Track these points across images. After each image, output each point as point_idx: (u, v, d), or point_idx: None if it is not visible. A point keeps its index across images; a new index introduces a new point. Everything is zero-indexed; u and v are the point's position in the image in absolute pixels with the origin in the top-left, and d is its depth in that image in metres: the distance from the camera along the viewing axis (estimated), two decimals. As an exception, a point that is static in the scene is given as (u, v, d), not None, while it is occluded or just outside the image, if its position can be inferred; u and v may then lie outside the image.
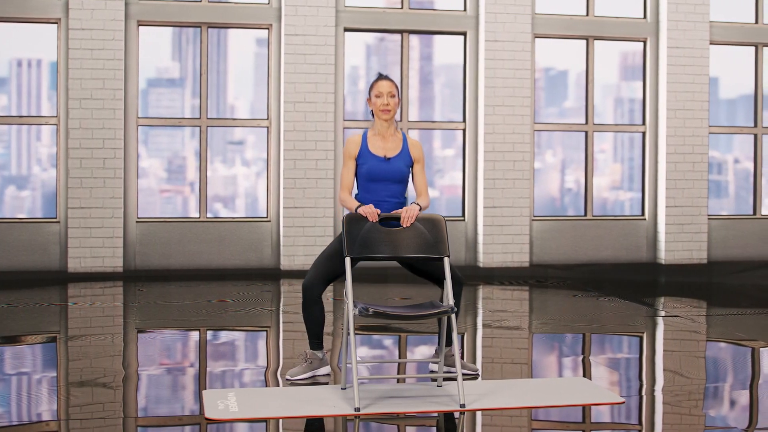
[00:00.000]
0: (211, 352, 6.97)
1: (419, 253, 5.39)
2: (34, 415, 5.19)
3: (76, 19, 10.20)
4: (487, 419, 5.07)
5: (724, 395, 5.82)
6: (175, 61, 11.06)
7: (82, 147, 10.25)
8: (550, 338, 7.56)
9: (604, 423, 5.21)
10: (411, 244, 5.39)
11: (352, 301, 5.15)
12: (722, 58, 11.64)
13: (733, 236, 11.66)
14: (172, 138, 11.06)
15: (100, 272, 10.26)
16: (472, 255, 11.10)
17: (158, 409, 5.34)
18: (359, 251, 5.31)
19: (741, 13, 11.80)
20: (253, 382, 6.00)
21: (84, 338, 7.14)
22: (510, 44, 10.97)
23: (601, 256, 11.35)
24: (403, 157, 5.75)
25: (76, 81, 10.22)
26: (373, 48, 11.53)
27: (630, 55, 11.74)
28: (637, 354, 7.20)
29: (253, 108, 11.22)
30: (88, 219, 10.27)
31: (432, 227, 5.45)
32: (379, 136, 5.78)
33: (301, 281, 10.20)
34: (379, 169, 5.69)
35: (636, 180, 11.76)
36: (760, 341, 7.37)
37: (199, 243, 10.58)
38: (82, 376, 5.95)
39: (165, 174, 10.99)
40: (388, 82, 5.77)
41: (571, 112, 11.82)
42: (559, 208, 11.53)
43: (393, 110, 5.75)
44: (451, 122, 11.31)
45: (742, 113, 12.14)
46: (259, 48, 11.25)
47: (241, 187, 11.23)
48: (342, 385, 5.45)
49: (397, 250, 5.37)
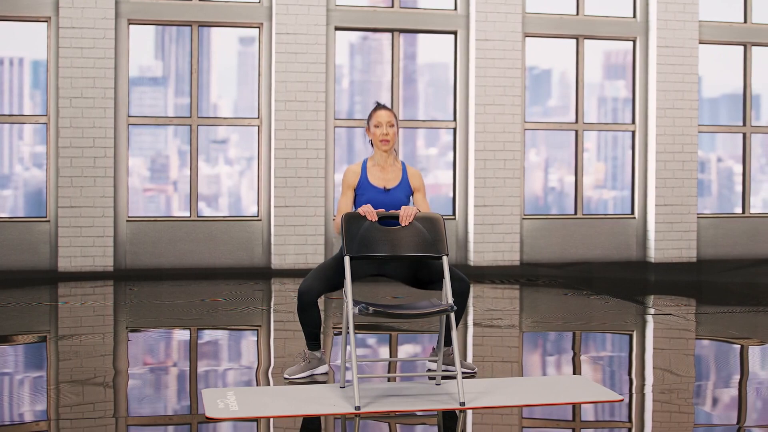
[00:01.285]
0: (204, 352, 6.96)
1: (418, 251, 5.40)
2: (24, 415, 5.16)
3: (66, 17, 10.15)
4: (487, 418, 5.08)
5: (720, 393, 5.85)
6: (158, 59, 11.02)
7: (73, 146, 10.21)
8: (544, 336, 7.58)
9: (604, 421, 5.23)
10: (410, 243, 5.39)
11: (352, 299, 5.15)
12: (704, 57, 11.69)
13: (722, 235, 11.72)
14: (155, 137, 11.02)
15: (90, 271, 10.22)
16: (463, 254, 11.12)
17: (151, 409, 5.31)
18: (358, 250, 5.31)
19: (730, 12, 11.86)
20: (246, 382, 5.99)
21: (75, 338, 7.11)
22: (500, 43, 10.99)
23: (591, 254, 11.39)
24: (403, 187, 5.75)
25: (67, 80, 10.18)
26: (357, 47, 11.54)
27: (613, 54, 11.79)
28: (633, 352, 7.23)
29: (237, 107, 11.20)
30: (79, 218, 10.23)
31: (431, 226, 5.45)
32: (378, 166, 5.77)
33: (292, 280, 10.22)
34: (379, 200, 5.68)
35: (619, 178, 11.81)
36: (753, 339, 7.41)
37: (189, 242, 10.56)
38: (72, 376, 5.93)
39: (148, 173, 10.94)
40: (387, 111, 5.74)
41: (554, 110, 11.86)
42: (542, 207, 11.56)
43: (392, 140, 5.73)
44: (441, 121, 11.32)
45: (725, 112, 12.21)
46: (243, 47, 11.24)
47: (224, 186, 11.21)
48: (341, 383, 5.45)
49: (396, 248, 5.37)
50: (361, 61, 11.48)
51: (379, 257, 5.40)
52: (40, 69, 10.69)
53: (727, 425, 5.14)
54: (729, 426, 5.12)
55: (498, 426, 5.05)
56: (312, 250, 10.62)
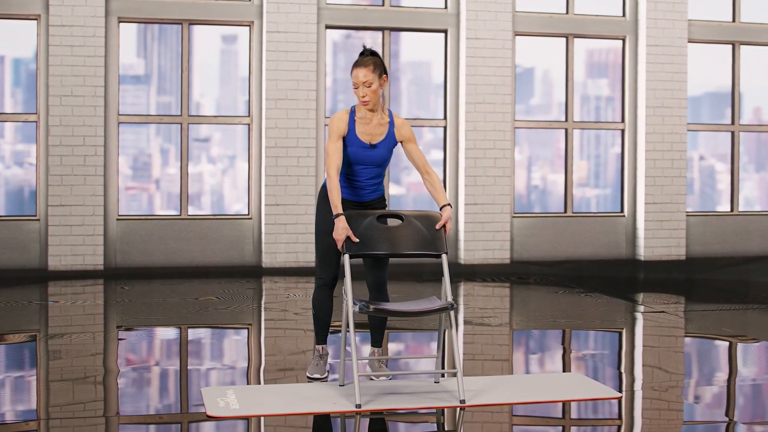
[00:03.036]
0: (195, 350, 6.94)
1: (417, 250, 5.40)
2: (14, 415, 5.13)
3: (56, 15, 10.11)
4: (488, 416, 5.10)
5: (710, 390, 5.89)
6: (140, 57, 10.98)
7: (63, 144, 10.17)
8: (534, 334, 7.60)
9: (604, 418, 5.26)
10: (409, 242, 5.39)
11: (352, 298, 5.15)
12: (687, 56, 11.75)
13: (711, 233, 11.78)
14: (137, 135, 10.97)
15: (80, 270, 10.18)
16: (453, 252, 11.14)
17: (142, 408, 5.30)
18: (357, 248, 5.31)
19: (718, 11, 11.93)
20: (239, 380, 5.99)
21: (65, 337, 7.07)
22: (491, 42, 11.01)
23: (581, 252, 11.43)
24: (388, 142, 5.56)
25: (57, 78, 10.13)
26: (340, 45, 11.54)
27: (596, 52, 11.83)
28: (625, 349, 7.26)
29: (219, 105, 11.19)
30: (69, 216, 10.18)
31: (429, 225, 5.46)
32: (365, 119, 5.55)
33: (283, 278, 10.23)
34: (363, 155, 5.53)
35: (602, 177, 11.86)
36: (744, 336, 7.46)
37: (180, 241, 10.53)
38: (62, 375, 5.91)
39: (130, 171, 10.89)
40: (364, 69, 5.42)
41: (536, 109, 11.89)
42: (525, 206, 11.58)
43: (372, 100, 5.45)
44: (432, 119, 11.33)
45: (707, 110, 12.29)
46: (225, 45, 11.23)
47: (207, 184, 11.18)
48: (340, 381, 5.44)
49: (396, 247, 5.37)
50: (345, 60, 11.48)
51: (379, 256, 5.40)
52: (22, 67, 10.64)
53: (718, 422, 5.17)
54: (719, 423, 5.15)
55: (498, 424, 5.06)
56: (303, 249, 10.61)
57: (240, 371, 6.30)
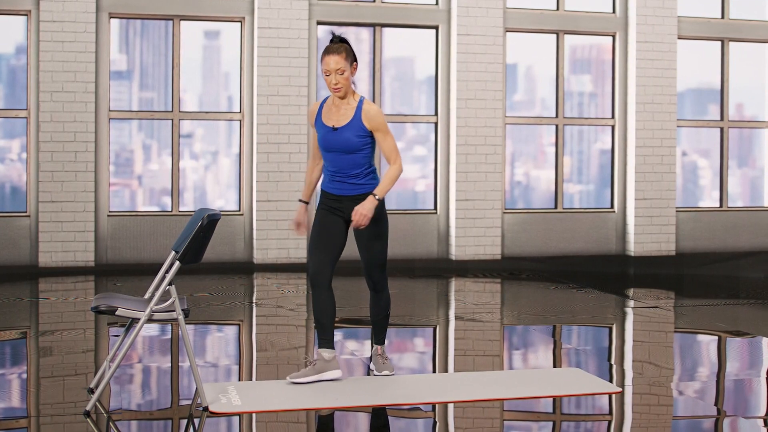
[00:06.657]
0: (194, 347, 6.94)
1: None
2: (4, 412, 5.13)
3: (47, 11, 10.08)
4: (488, 412, 5.12)
5: (700, 384, 5.92)
6: (122, 53, 10.95)
7: (54, 140, 10.15)
8: (526, 330, 7.62)
9: (603, 414, 5.28)
10: None
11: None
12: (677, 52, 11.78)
13: (700, 228, 11.83)
14: (119, 131, 10.93)
15: (71, 267, 10.16)
16: (445, 248, 11.16)
17: (134, 404, 5.30)
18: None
19: (708, 8, 11.97)
20: (234, 376, 6.00)
21: (56, 333, 7.06)
22: (482, 38, 11.03)
23: (571, 248, 11.46)
24: (353, 126, 5.41)
25: (47, 74, 10.11)
26: (323, 42, 11.53)
27: (578, 48, 11.86)
28: (616, 343, 7.29)
29: (201, 101, 11.18)
30: (59, 213, 10.16)
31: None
32: (334, 105, 5.49)
33: (274, 274, 10.23)
34: (327, 139, 5.45)
35: (585, 172, 11.90)
36: (734, 331, 7.50)
37: (170, 237, 10.51)
38: (53, 372, 5.90)
39: (113, 167, 10.84)
40: (335, 57, 5.34)
41: (519, 105, 11.90)
42: (509, 201, 11.58)
43: (344, 87, 5.37)
44: (423, 115, 11.34)
45: (689, 106, 12.33)
46: (208, 41, 11.21)
47: (190, 180, 11.16)
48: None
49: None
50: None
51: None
52: (2, 63, 10.60)
53: (709, 416, 5.20)
54: (709, 417, 5.19)
55: (498, 420, 5.08)
56: (294, 245, 10.62)
57: (234, 367, 6.30)
